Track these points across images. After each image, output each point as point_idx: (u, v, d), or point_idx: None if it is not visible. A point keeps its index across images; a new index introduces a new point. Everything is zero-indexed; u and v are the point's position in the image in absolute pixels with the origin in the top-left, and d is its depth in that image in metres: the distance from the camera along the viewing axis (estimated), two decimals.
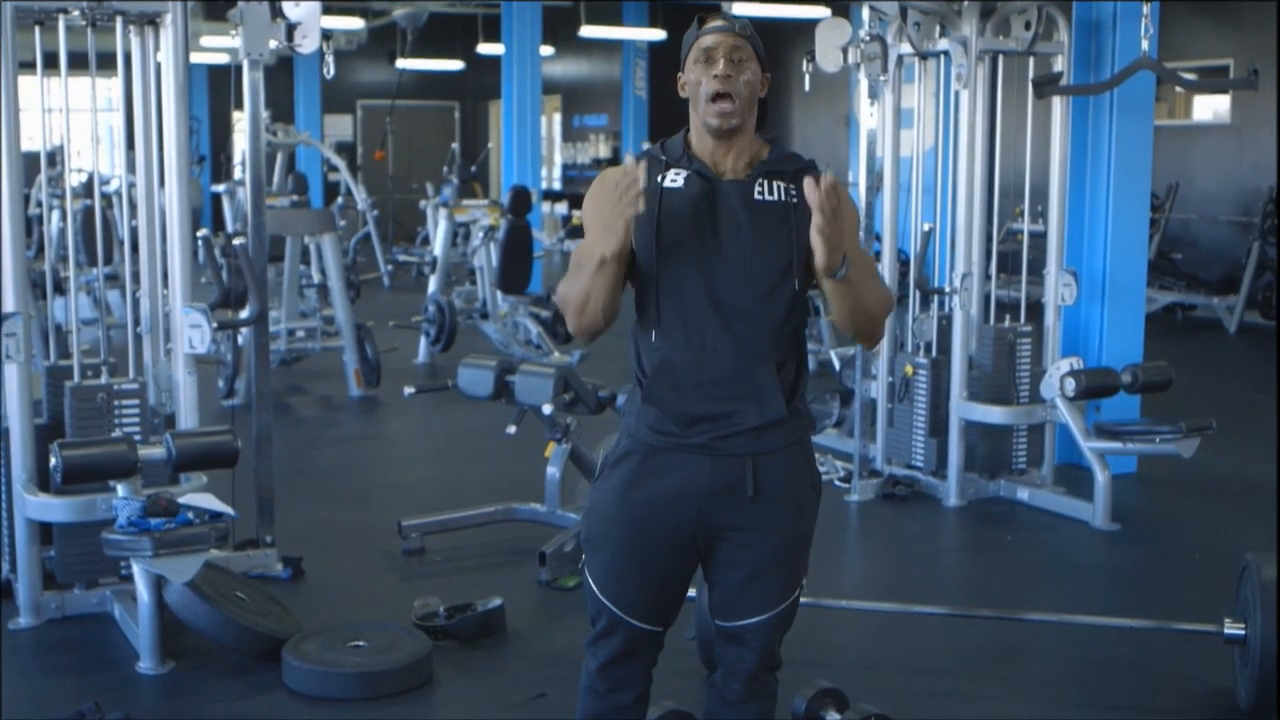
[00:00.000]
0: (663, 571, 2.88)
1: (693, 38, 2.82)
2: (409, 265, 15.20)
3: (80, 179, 10.93)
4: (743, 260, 2.75)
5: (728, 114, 2.75)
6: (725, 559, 2.86)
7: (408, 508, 5.96)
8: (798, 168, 2.82)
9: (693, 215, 2.76)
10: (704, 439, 2.78)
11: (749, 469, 2.78)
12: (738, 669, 2.96)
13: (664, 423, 2.79)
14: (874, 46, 6.36)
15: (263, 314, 5.46)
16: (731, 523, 2.82)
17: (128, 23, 4.88)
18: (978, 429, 6.45)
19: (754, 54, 2.80)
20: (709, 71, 2.76)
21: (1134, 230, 6.95)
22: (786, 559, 2.88)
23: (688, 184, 2.78)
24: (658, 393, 2.79)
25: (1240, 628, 4.13)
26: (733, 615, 2.90)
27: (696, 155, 2.82)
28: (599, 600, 2.91)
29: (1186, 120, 13.89)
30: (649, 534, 2.83)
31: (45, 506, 4.62)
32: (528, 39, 14.67)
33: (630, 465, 2.84)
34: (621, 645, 2.93)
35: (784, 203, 2.78)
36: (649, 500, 2.81)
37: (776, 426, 2.80)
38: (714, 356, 2.75)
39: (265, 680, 4.34)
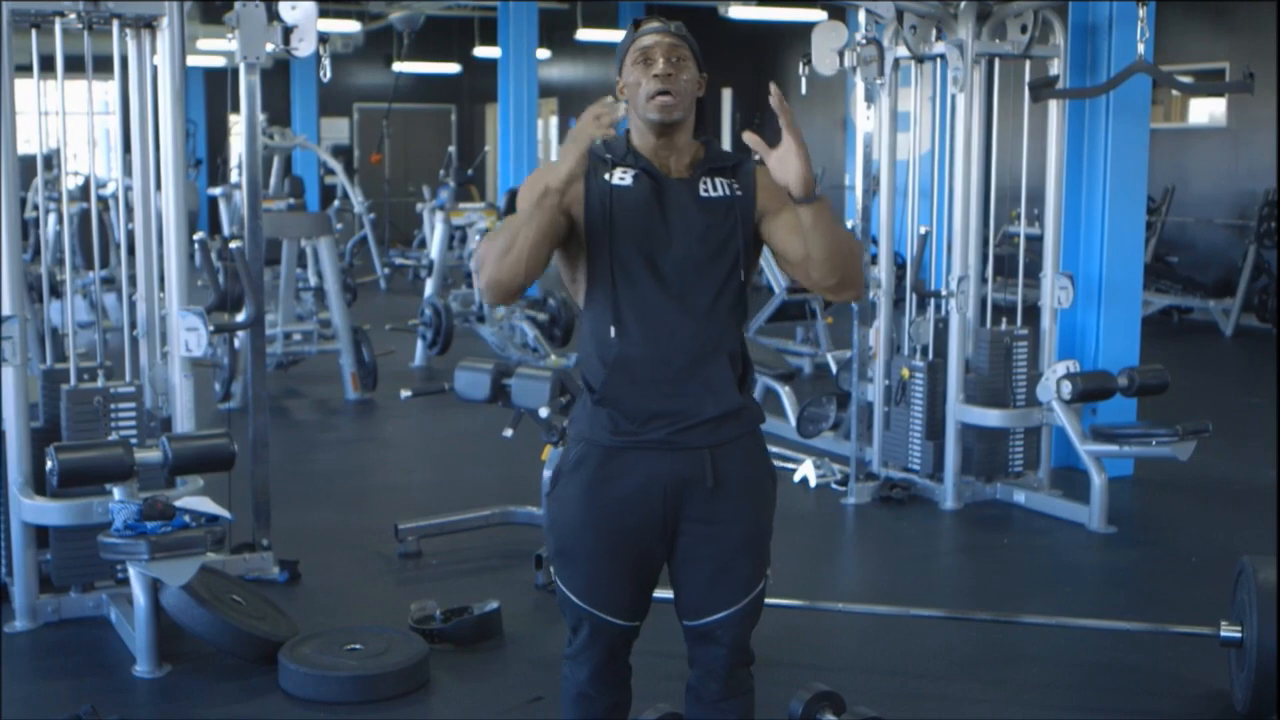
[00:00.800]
0: (636, 569, 2.91)
1: (630, 40, 2.87)
2: (405, 268, 15.20)
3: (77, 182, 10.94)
4: (693, 255, 2.80)
5: (670, 106, 2.79)
6: (691, 554, 2.88)
7: (404, 511, 5.96)
8: (735, 163, 2.90)
9: (643, 213, 2.82)
10: (661, 434, 2.81)
11: (708, 461, 2.82)
12: (713, 668, 2.97)
13: (620, 422, 2.83)
14: (870, 50, 6.36)
15: (259, 317, 5.46)
16: (695, 515, 2.85)
17: (124, 26, 4.87)
18: (974, 432, 6.46)
19: (691, 55, 2.85)
20: (648, 71, 2.80)
21: (1130, 233, 6.96)
22: (751, 549, 2.91)
23: (636, 182, 2.83)
24: (616, 390, 2.82)
25: (1236, 630, 4.13)
26: (703, 612, 2.92)
27: (641, 154, 2.86)
28: (580, 609, 2.93)
29: (1182, 123, 13.90)
30: (619, 535, 2.86)
31: (41, 510, 4.62)
32: (524, 42, 14.68)
33: (588, 470, 2.86)
34: (608, 648, 2.97)
35: (728, 197, 2.86)
36: (614, 503, 2.84)
37: (731, 417, 2.85)
38: (671, 350, 2.80)
39: (261, 684, 4.34)
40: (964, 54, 6.27)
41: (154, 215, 5.00)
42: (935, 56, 6.52)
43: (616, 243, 2.81)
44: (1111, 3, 6.61)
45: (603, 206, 2.81)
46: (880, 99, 6.56)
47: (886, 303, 6.73)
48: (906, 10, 6.36)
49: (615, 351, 2.81)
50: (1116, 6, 6.61)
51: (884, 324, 6.74)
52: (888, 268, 6.71)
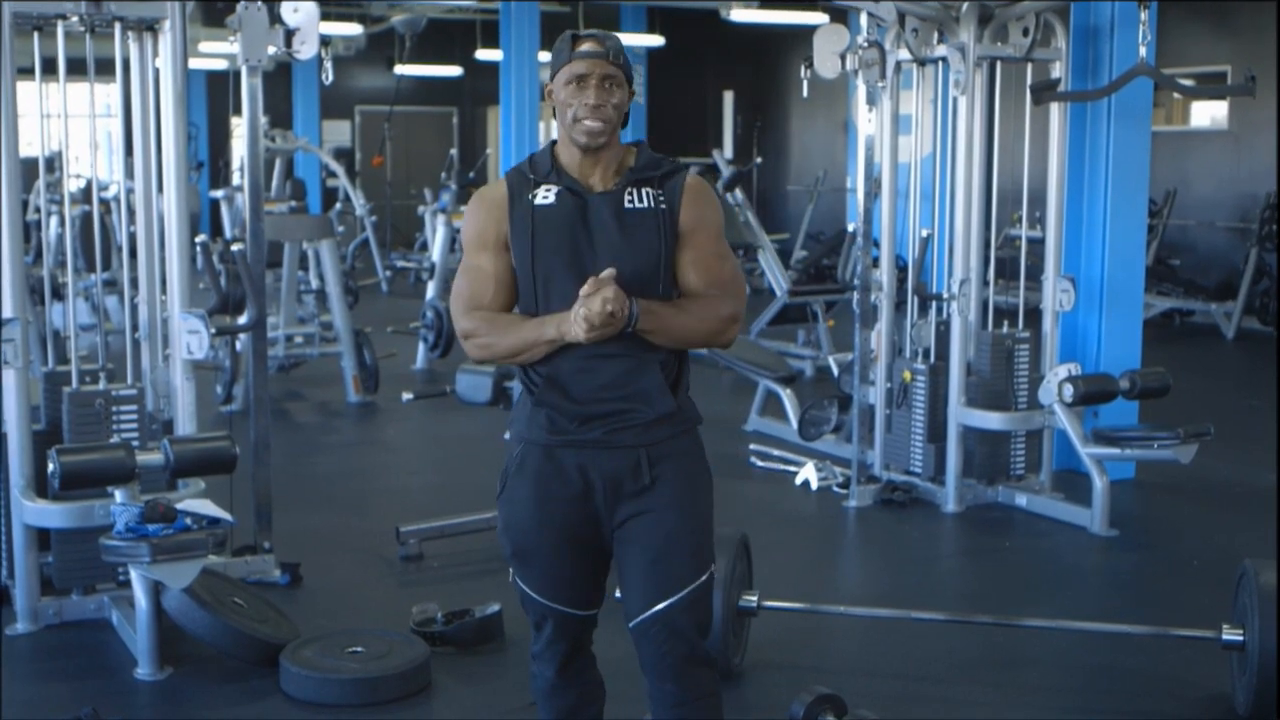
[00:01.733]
0: (590, 560, 3.00)
1: (565, 58, 2.91)
2: (407, 271, 15.21)
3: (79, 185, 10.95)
4: (618, 268, 2.82)
5: (596, 134, 2.86)
6: (630, 546, 2.93)
7: (406, 513, 5.95)
8: (665, 172, 2.95)
9: (567, 230, 2.88)
10: (596, 434, 2.89)
11: (643, 458, 2.90)
12: (663, 665, 2.95)
13: (557, 421, 2.90)
14: (872, 53, 6.36)
15: (261, 320, 5.46)
16: (634, 510, 2.92)
17: (126, 28, 4.88)
18: (976, 435, 6.46)
19: (624, 78, 2.91)
20: (580, 97, 2.86)
21: (1132, 236, 6.95)
22: (689, 537, 2.94)
23: (559, 200, 2.90)
24: (550, 398, 2.90)
25: (1238, 633, 4.13)
26: (641, 606, 2.93)
27: (565, 169, 2.93)
28: (543, 605, 3.02)
29: (1184, 126, 13.90)
30: (569, 528, 2.94)
31: (43, 512, 4.62)
32: (526, 45, 14.66)
33: (530, 469, 2.94)
34: (572, 640, 3.07)
35: (654, 209, 2.91)
36: (560, 499, 2.92)
37: (665, 420, 2.92)
38: (600, 363, 2.87)
39: (263, 686, 4.34)
40: (965, 57, 6.27)
41: (156, 218, 5.00)
42: (937, 59, 6.53)
43: (539, 261, 2.88)
44: (1113, 5, 6.62)
45: (525, 226, 2.89)
46: (882, 102, 6.56)
47: (888, 305, 6.73)
48: (908, 13, 6.37)
49: (545, 367, 2.90)
50: (1118, 9, 6.61)
51: (885, 327, 6.74)
52: (889, 271, 6.71)
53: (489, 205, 2.95)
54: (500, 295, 2.94)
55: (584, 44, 2.90)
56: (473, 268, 2.95)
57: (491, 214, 2.94)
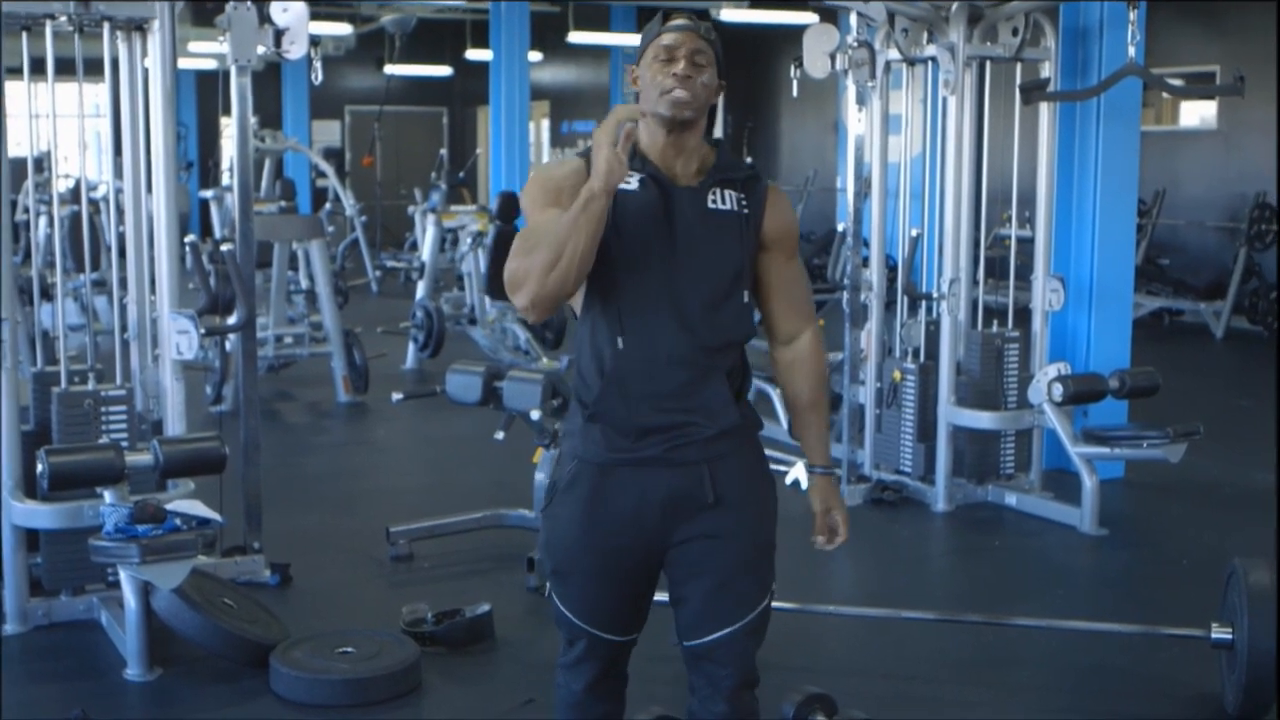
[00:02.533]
0: (634, 586, 2.85)
1: (654, 33, 2.76)
2: (397, 271, 15.18)
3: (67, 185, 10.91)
4: (697, 269, 2.71)
5: (683, 103, 2.69)
6: (691, 570, 2.79)
7: (396, 514, 5.95)
8: (747, 175, 2.81)
9: (648, 220, 2.72)
10: (656, 450, 2.73)
11: (706, 475, 2.75)
12: (717, 690, 2.84)
13: (614, 438, 2.74)
14: (862, 53, 6.36)
15: (250, 320, 5.45)
16: (695, 532, 2.77)
17: (115, 28, 4.87)
18: (966, 434, 6.46)
19: (714, 59, 2.75)
20: (668, 69, 2.70)
21: (1121, 236, 6.96)
22: (754, 563, 2.82)
23: (643, 188, 2.73)
24: (606, 406, 2.73)
25: (1227, 632, 4.14)
26: (703, 630, 2.81)
27: (648, 157, 2.76)
28: (576, 625, 2.87)
29: (1173, 126, 13.92)
30: (618, 553, 2.79)
31: (32, 513, 4.61)
32: (516, 45, 14.68)
33: (584, 488, 2.78)
34: (604, 662, 2.92)
35: (736, 213, 2.77)
36: (610, 521, 2.76)
37: (728, 434, 2.77)
38: (666, 368, 2.71)
39: (253, 687, 4.33)
40: (955, 57, 6.27)
41: (145, 218, 4.99)
42: (926, 59, 6.53)
43: (621, 250, 2.70)
44: (1102, 5, 6.62)
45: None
46: (872, 101, 6.56)
47: (878, 305, 6.73)
48: (898, 13, 6.37)
49: (614, 364, 2.72)
50: (1107, 9, 6.62)
51: (875, 326, 6.74)
52: (879, 270, 6.71)
53: (560, 178, 2.74)
54: None
55: (675, 19, 2.75)
56: (531, 228, 2.71)
57: (562, 186, 2.72)
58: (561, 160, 2.85)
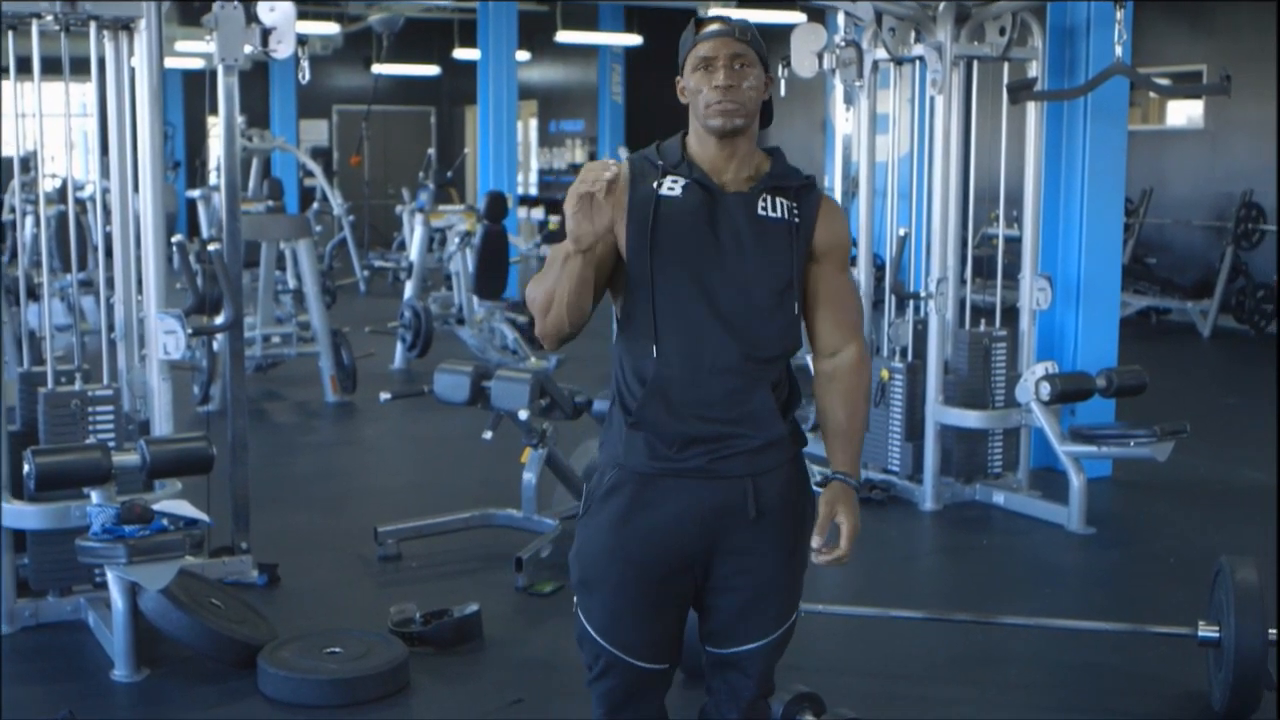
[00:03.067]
0: (662, 604, 2.73)
1: (690, 43, 2.69)
2: (385, 271, 15.15)
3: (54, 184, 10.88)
4: (743, 277, 2.63)
5: (731, 112, 2.61)
6: (724, 583, 2.73)
7: (384, 513, 5.94)
8: (800, 184, 2.72)
9: (691, 226, 2.63)
10: (700, 462, 2.65)
11: (750, 489, 2.67)
12: (735, 698, 2.82)
13: (656, 448, 2.65)
14: (849, 52, 6.38)
15: (238, 320, 5.44)
16: (733, 545, 2.70)
17: (102, 27, 4.86)
18: (953, 433, 6.47)
19: (756, 57, 2.66)
20: (709, 81, 2.63)
21: (1108, 235, 6.98)
22: (787, 580, 2.77)
23: (686, 193, 2.64)
24: (650, 414, 2.64)
25: (1214, 630, 4.15)
26: (729, 642, 2.78)
27: (696, 162, 2.68)
28: (598, 644, 2.75)
29: (1160, 125, 13.95)
30: (648, 568, 2.69)
31: (19, 514, 4.59)
32: (504, 44, 14.66)
33: (623, 498, 2.68)
34: (627, 688, 2.79)
35: (787, 222, 2.67)
36: (647, 533, 2.67)
37: (773, 446, 2.70)
38: (710, 377, 2.63)
39: (241, 687, 4.32)
40: (943, 56, 6.28)
41: (132, 217, 4.99)
42: (914, 59, 6.54)
43: (659, 256, 2.61)
44: (1089, 4, 6.64)
45: (644, 216, 2.62)
46: (859, 101, 6.57)
47: (865, 304, 6.74)
48: (885, 12, 6.38)
49: (653, 372, 2.63)
50: (1094, 9, 6.63)
51: (863, 325, 6.74)
52: (867, 269, 6.72)
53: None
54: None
55: (709, 25, 2.67)
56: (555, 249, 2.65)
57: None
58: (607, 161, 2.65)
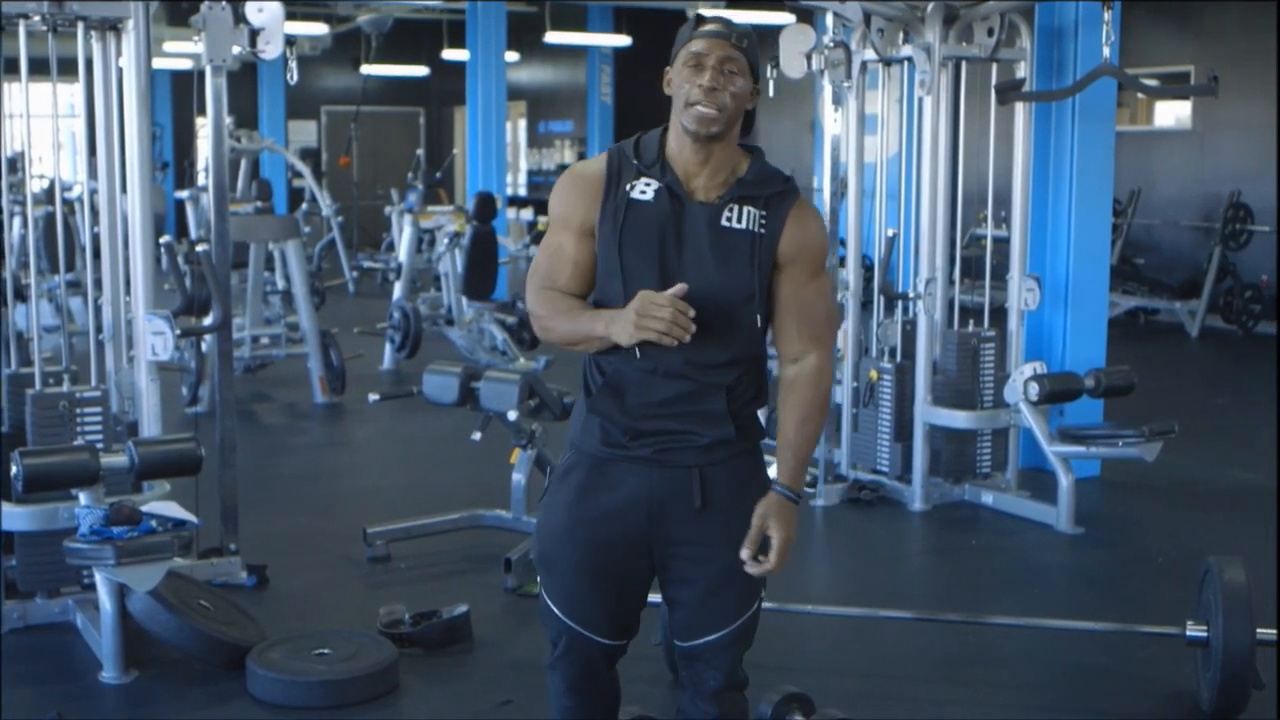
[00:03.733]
0: (620, 585, 2.84)
1: (685, 37, 2.72)
2: (374, 272, 15.16)
3: (42, 185, 10.86)
4: (703, 287, 2.65)
5: (707, 119, 2.65)
6: (680, 575, 2.81)
7: (373, 515, 5.94)
8: (773, 192, 2.73)
9: (657, 233, 2.68)
10: (648, 452, 2.74)
11: (695, 480, 2.74)
12: (704, 690, 2.89)
13: (610, 433, 2.76)
14: (838, 53, 6.37)
15: (226, 321, 5.43)
16: (683, 536, 2.77)
17: (89, 28, 4.85)
18: (942, 433, 6.48)
19: (747, 66, 2.69)
20: (695, 79, 2.66)
21: (1096, 235, 6.99)
22: (741, 573, 2.76)
23: (657, 198, 2.69)
24: (603, 406, 2.75)
25: (1202, 630, 4.16)
26: (693, 634, 2.85)
27: (671, 164, 2.72)
28: (559, 620, 2.86)
29: (1148, 126, 13.98)
30: (603, 548, 2.78)
31: (7, 515, 4.57)
32: (493, 45, 14.64)
33: (577, 478, 2.80)
34: (586, 662, 2.90)
35: (750, 233, 2.69)
36: (599, 513, 2.77)
37: (723, 443, 2.75)
38: (665, 381, 2.70)
39: (230, 689, 4.32)
40: (931, 57, 6.29)
41: (120, 218, 4.97)
42: (902, 59, 6.55)
43: (626, 257, 2.69)
44: (1078, 5, 6.65)
45: (616, 219, 2.70)
46: (848, 102, 6.57)
47: (854, 305, 6.74)
48: (874, 13, 6.38)
49: (611, 368, 2.74)
50: (1082, 9, 6.65)
51: (852, 326, 6.75)
52: (856, 270, 6.72)
53: (583, 185, 2.74)
54: (576, 279, 2.76)
55: (707, 24, 2.70)
56: (554, 246, 2.77)
57: (584, 195, 2.73)
58: (590, 161, 2.81)
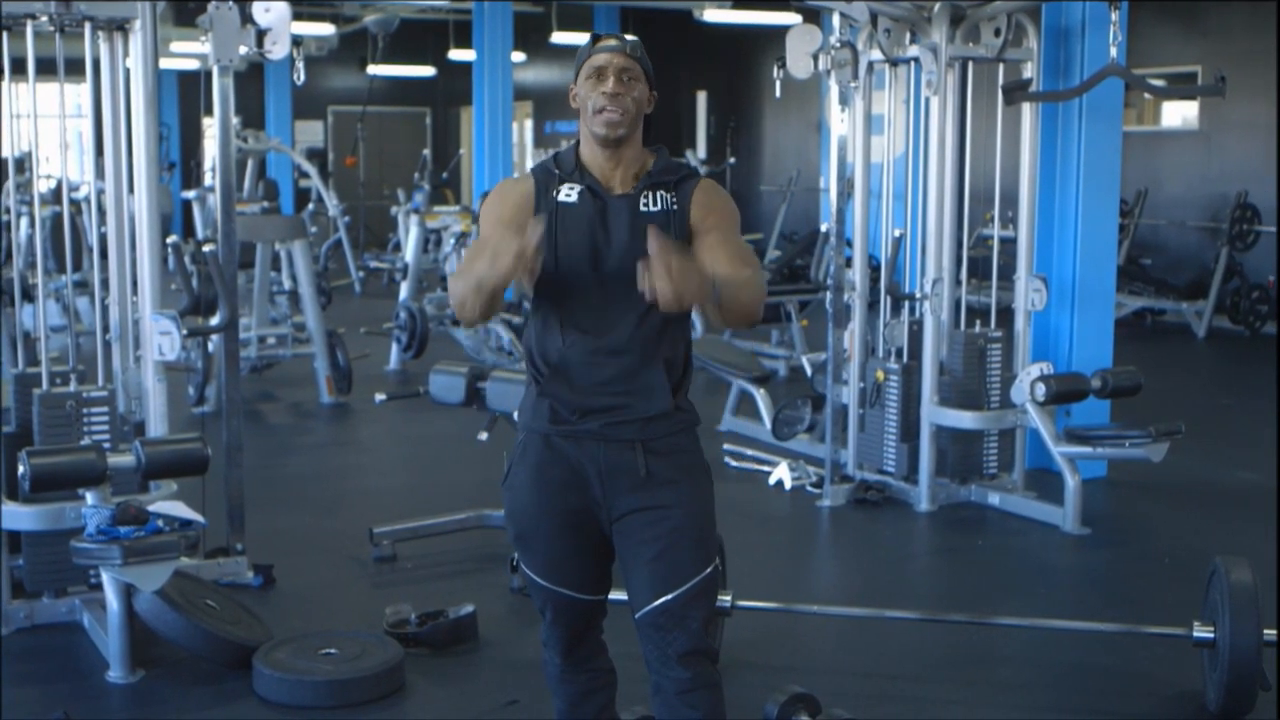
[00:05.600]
0: (590, 543, 3.04)
1: (585, 55, 3.00)
2: (380, 272, 15.17)
3: (49, 185, 10.88)
4: (630, 268, 2.80)
5: (614, 124, 2.93)
6: (634, 540, 2.98)
7: (379, 515, 5.94)
8: (680, 176, 3.03)
9: (586, 228, 2.95)
10: (595, 426, 2.97)
11: (639, 451, 2.96)
12: (670, 653, 2.94)
13: (559, 412, 2.98)
14: (844, 53, 6.37)
15: (233, 321, 5.44)
16: (634, 505, 2.97)
17: (96, 28, 4.85)
18: (949, 434, 6.48)
19: (643, 74, 2.99)
20: (599, 88, 2.94)
21: (1103, 236, 6.98)
22: (691, 530, 2.97)
23: (581, 199, 2.97)
24: (554, 389, 2.98)
25: (1209, 631, 4.16)
26: (647, 598, 2.95)
27: (588, 169, 3.00)
28: (545, 589, 3.09)
29: (1155, 126, 13.97)
30: (569, 513, 3.01)
31: (14, 515, 4.59)
32: (499, 45, 14.67)
33: (533, 456, 3.03)
34: (575, 623, 3.14)
35: (666, 211, 2.98)
36: (557, 484, 3.00)
37: (663, 419, 2.98)
38: (607, 359, 2.95)
39: (236, 689, 4.32)
40: (938, 57, 6.28)
41: (127, 218, 4.98)
42: (909, 60, 6.54)
43: (561, 256, 2.94)
44: (1084, 6, 6.64)
45: (549, 223, 2.92)
46: (854, 102, 6.57)
47: (861, 305, 6.74)
48: (880, 13, 6.38)
49: (558, 356, 2.97)
50: (1089, 10, 6.64)
51: (859, 327, 6.75)
52: (862, 270, 6.72)
53: (514, 197, 3.02)
54: None
55: (604, 40, 3.01)
56: (478, 243, 3.00)
57: (517, 203, 3.00)
58: (518, 178, 3.11)
